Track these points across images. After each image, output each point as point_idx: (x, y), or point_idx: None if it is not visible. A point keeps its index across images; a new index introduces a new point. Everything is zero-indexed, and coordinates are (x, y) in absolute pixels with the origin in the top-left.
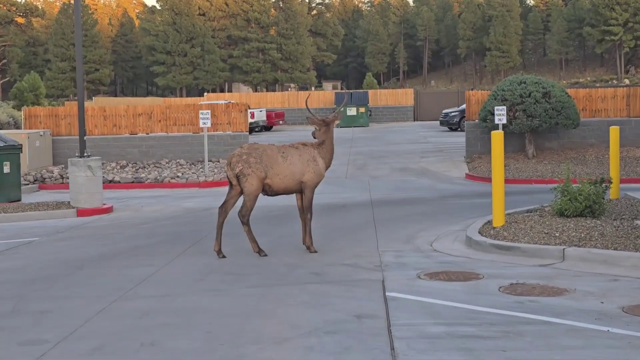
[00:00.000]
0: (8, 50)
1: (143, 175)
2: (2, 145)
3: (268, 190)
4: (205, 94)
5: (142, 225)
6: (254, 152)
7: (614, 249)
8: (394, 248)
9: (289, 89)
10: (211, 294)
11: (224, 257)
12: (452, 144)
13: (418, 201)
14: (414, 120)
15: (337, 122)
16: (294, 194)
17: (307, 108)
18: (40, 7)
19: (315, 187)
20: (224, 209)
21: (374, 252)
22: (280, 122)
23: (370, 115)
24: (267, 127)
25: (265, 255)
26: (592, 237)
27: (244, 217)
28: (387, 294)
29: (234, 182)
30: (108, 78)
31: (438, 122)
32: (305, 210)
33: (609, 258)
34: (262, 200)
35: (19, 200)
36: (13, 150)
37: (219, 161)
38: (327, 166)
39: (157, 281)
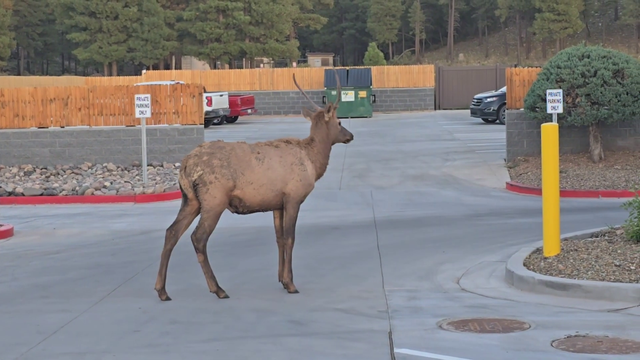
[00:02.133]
0: None
1: (56, 185)
2: None
3: (239, 206)
4: (144, 71)
5: (53, 254)
6: (218, 152)
7: None
8: (406, 286)
9: (261, 65)
10: (149, 352)
11: (168, 298)
12: (488, 142)
13: (440, 221)
14: (435, 109)
15: (328, 115)
16: (272, 211)
17: (300, 89)
18: None
19: (302, 201)
20: (173, 232)
21: (377, 292)
22: (249, 111)
23: (374, 101)
24: (231, 118)
25: (227, 296)
26: None
27: (200, 241)
28: (395, 350)
29: (190, 194)
30: (8, 49)
31: (468, 111)
32: (286, 234)
33: None
34: (223, 219)
35: None
36: None
37: (162, 165)
38: (319, 174)
39: (74, 333)
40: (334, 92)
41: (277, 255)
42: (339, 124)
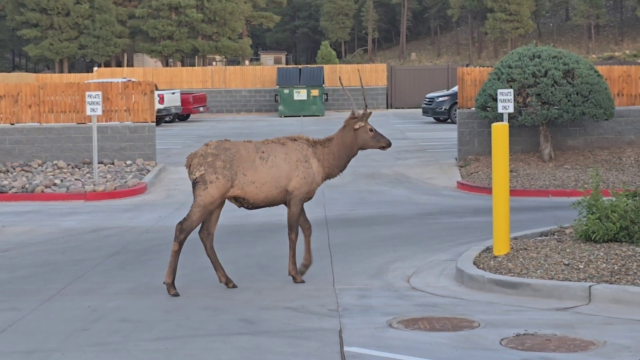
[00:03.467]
0: None
1: (6, 182)
2: None
3: (243, 203)
4: (96, 68)
5: (2, 252)
6: (223, 153)
7: None
8: (356, 285)
9: (214, 63)
10: (98, 350)
11: (234, 286)
12: (439, 141)
13: (391, 220)
14: (387, 108)
15: (360, 123)
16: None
17: (361, 86)
18: None
19: (304, 199)
20: (206, 232)
21: (328, 291)
22: (201, 109)
23: (326, 100)
24: (183, 116)
25: (177, 294)
26: (629, 270)
27: (183, 232)
28: (345, 349)
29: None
30: None
31: (420, 110)
32: (289, 230)
33: None
34: (175, 220)
35: None
36: None
37: (113, 163)
38: (328, 173)
39: (22, 331)
40: (286, 91)
41: (227, 253)
42: (371, 130)
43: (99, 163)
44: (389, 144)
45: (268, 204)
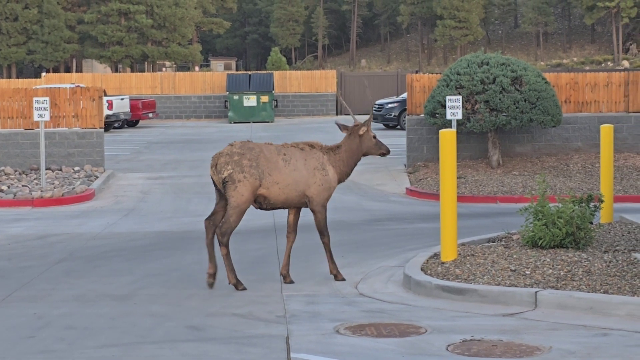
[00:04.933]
0: None
1: None
2: None
3: (263, 203)
4: (44, 74)
5: None
6: (248, 152)
7: (604, 292)
8: (304, 291)
9: (164, 69)
10: (44, 358)
11: (212, 282)
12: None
13: (340, 226)
14: (337, 114)
15: (363, 129)
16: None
17: (345, 103)
18: None
19: (326, 203)
20: (211, 222)
21: (276, 297)
22: (150, 115)
23: (276, 106)
24: (132, 122)
25: (244, 289)
26: (574, 275)
27: (224, 236)
28: (292, 355)
29: (222, 188)
30: None
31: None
32: (320, 234)
33: (597, 304)
34: (123, 226)
35: None
36: None
37: (60, 169)
38: (340, 179)
39: None
40: (236, 97)
41: (175, 260)
42: (374, 137)
43: (46, 169)
44: (389, 151)
45: (286, 206)
